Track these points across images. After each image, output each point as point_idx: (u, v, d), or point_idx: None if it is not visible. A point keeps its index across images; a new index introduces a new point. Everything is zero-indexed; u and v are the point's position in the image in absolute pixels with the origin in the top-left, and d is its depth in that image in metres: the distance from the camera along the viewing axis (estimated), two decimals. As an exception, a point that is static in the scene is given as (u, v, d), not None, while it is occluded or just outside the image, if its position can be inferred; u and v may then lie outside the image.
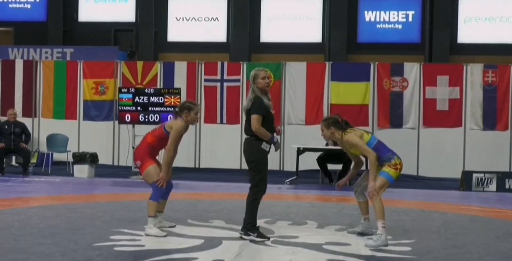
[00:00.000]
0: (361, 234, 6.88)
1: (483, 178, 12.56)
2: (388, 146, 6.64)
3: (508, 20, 21.24)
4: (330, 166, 13.13)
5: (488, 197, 11.50)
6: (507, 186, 12.50)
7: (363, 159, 7.18)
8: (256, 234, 6.49)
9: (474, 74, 14.44)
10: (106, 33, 22.54)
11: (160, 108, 13.48)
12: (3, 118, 14.55)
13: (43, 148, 15.01)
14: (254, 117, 6.45)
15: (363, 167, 11.62)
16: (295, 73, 14.94)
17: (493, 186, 12.50)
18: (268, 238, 6.49)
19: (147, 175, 6.89)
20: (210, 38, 22.19)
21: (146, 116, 13.52)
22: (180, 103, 7.10)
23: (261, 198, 6.60)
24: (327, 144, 12.67)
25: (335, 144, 12.93)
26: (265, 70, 6.72)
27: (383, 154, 6.51)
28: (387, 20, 21.76)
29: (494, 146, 14.26)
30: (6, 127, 13.87)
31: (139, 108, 13.58)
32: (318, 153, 13.08)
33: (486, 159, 13.98)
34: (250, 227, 6.52)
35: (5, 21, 23.25)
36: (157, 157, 7.21)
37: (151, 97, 13.54)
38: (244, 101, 7.52)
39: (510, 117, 14.33)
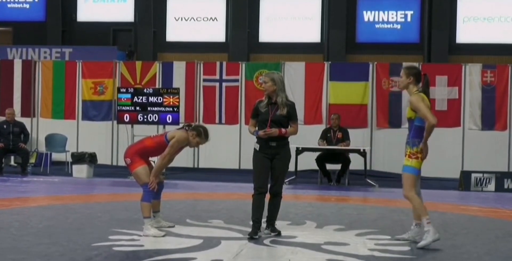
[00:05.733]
0: (409, 241, 6.59)
1: (482, 178, 12.57)
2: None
3: (506, 20, 21.23)
4: (329, 166, 13.14)
5: (487, 197, 11.51)
6: (505, 186, 12.52)
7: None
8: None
9: (472, 74, 14.45)
10: (104, 33, 22.51)
11: (159, 108, 13.47)
12: (2, 118, 14.54)
13: (42, 148, 15.00)
14: None
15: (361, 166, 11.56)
16: (294, 73, 14.94)
17: (491, 186, 12.51)
18: (250, 237, 6.57)
19: (136, 176, 6.90)
20: (209, 38, 22.16)
21: (145, 116, 13.51)
22: (196, 124, 7.12)
23: (258, 196, 6.69)
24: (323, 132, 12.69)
25: (329, 144, 12.97)
26: (264, 75, 7.00)
27: (415, 137, 6.40)
28: (386, 20, 21.74)
29: (492, 146, 14.27)
30: (4, 126, 13.86)
31: (138, 108, 13.56)
32: (317, 153, 13.08)
33: (484, 159, 13.99)
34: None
35: (3, 21, 23.20)
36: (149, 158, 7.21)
37: (150, 97, 13.53)
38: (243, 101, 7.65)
39: (509, 117, 14.35)
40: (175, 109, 13.51)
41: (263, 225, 6.84)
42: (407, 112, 6.59)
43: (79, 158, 13.49)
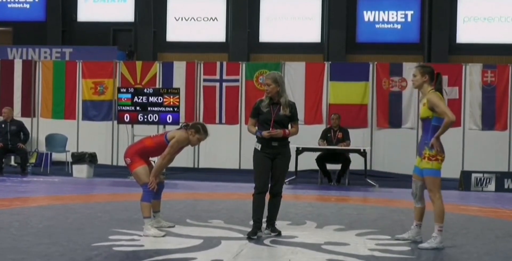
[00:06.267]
0: (409, 240, 6.63)
1: (482, 178, 12.57)
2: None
3: (507, 20, 21.23)
4: (329, 166, 13.13)
5: (487, 197, 11.51)
6: (506, 186, 12.52)
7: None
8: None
9: (473, 74, 14.45)
10: (105, 33, 22.52)
11: (159, 108, 13.47)
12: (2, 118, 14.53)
13: (42, 148, 15.00)
14: None
15: (363, 166, 11.53)
16: (294, 73, 14.94)
17: (492, 186, 12.51)
18: (248, 237, 6.58)
19: (136, 176, 6.89)
20: (209, 38, 22.17)
21: (145, 116, 13.51)
22: (194, 121, 7.09)
23: (259, 195, 6.71)
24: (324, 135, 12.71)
25: (329, 144, 12.97)
26: (265, 77, 6.95)
27: (432, 137, 6.31)
28: (386, 20, 21.75)
29: (493, 146, 14.27)
30: (2, 126, 13.82)
31: (138, 108, 13.56)
32: (317, 153, 13.08)
33: (485, 159, 13.98)
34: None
35: (4, 21, 23.21)
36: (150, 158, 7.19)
37: (150, 97, 13.53)
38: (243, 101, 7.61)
39: (509, 117, 14.35)
40: (175, 109, 13.51)
41: (263, 225, 6.85)
42: (422, 112, 6.50)
43: (79, 158, 13.49)
